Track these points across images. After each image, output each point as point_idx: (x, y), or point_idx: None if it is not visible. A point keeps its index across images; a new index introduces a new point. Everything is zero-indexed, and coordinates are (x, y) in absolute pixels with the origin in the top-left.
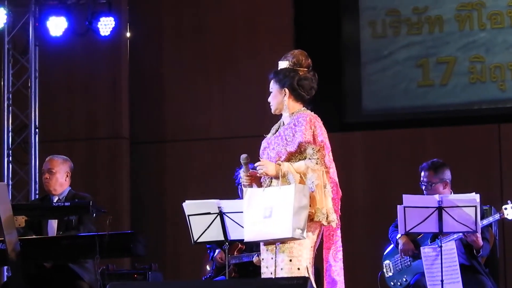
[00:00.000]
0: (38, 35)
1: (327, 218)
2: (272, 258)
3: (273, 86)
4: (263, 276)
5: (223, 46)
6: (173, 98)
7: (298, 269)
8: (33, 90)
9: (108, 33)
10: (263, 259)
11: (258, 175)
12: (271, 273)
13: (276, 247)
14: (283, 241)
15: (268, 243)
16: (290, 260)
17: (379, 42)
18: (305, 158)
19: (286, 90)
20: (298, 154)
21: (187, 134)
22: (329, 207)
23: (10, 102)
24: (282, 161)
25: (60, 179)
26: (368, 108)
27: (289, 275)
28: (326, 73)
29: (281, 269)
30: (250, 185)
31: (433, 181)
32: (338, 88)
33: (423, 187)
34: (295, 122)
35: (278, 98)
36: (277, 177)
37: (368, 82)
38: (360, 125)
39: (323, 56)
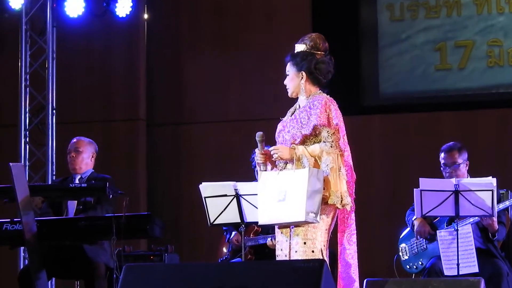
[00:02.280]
0: (56, 16)
1: (341, 201)
2: (286, 241)
3: (290, 69)
4: (278, 258)
5: (241, 28)
6: (190, 80)
7: (313, 251)
8: (50, 71)
9: (126, 14)
10: (277, 241)
11: (273, 159)
12: (286, 256)
13: (290, 230)
14: (297, 224)
15: (282, 226)
16: (305, 243)
17: (397, 25)
18: (319, 141)
19: (303, 73)
20: (313, 137)
21: (204, 116)
22: (343, 190)
23: (28, 83)
24: (297, 144)
25: (86, 159)
26: (385, 91)
27: (304, 258)
28: (343, 56)
29: (296, 251)
30: (264, 164)
31: (458, 161)
32: (356, 71)
33: (446, 169)
34: (310, 105)
35: (295, 81)
36: (291, 161)
37: (385, 66)
38: (377, 108)
39: (340, 40)
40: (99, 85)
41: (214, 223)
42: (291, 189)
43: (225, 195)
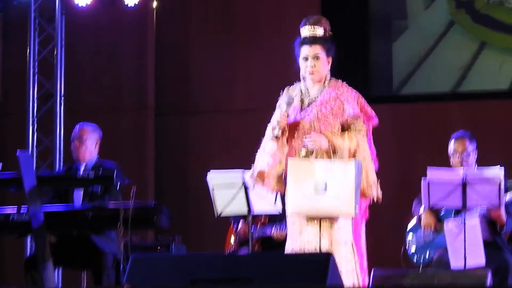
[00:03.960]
0: (65, 4)
1: (376, 192)
2: (316, 232)
3: (321, 52)
4: (306, 250)
5: (249, 17)
6: (198, 70)
7: (345, 242)
8: (59, 59)
9: (135, 3)
10: (301, 232)
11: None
12: (315, 248)
13: (319, 221)
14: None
15: (311, 217)
16: (335, 234)
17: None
18: (346, 130)
19: (330, 59)
20: (345, 126)
21: (212, 105)
22: (375, 180)
23: (36, 71)
24: (332, 133)
25: (90, 147)
26: (396, 81)
27: (333, 249)
28: (353, 45)
29: (324, 242)
30: (281, 130)
31: (468, 149)
32: (366, 60)
33: (456, 155)
34: (337, 91)
35: (325, 66)
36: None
37: (396, 55)
38: (388, 98)
39: (349, 28)
40: (108, 73)
41: (222, 214)
42: (334, 181)
43: (233, 185)
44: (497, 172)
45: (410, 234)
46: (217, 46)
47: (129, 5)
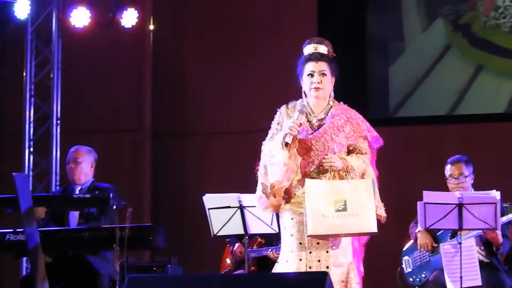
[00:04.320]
0: (62, 26)
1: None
2: (327, 252)
3: (327, 70)
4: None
5: (246, 40)
6: (195, 92)
7: (343, 264)
8: (55, 81)
9: (132, 25)
10: (310, 252)
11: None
12: (325, 268)
13: (330, 242)
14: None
15: (323, 238)
16: (341, 255)
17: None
18: (353, 151)
19: (334, 79)
20: (350, 147)
21: (209, 127)
22: (380, 200)
23: (33, 93)
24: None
25: (85, 169)
26: (392, 103)
27: (330, 269)
28: (350, 67)
29: (333, 263)
30: (292, 137)
31: (464, 173)
32: (363, 82)
33: (452, 181)
34: (346, 114)
35: (330, 84)
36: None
37: (393, 77)
38: (384, 120)
39: (347, 50)
40: (105, 95)
41: (218, 234)
42: (353, 199)
43: (229, 207)
44: (493, 194)
45: (406, 255)
46: (214, 68)
47: (126, 27)
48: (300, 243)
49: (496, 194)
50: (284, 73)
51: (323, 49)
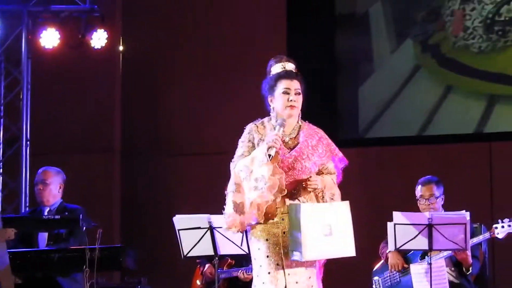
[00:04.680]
0: (31, 48)
1: None
2: (310, 278)
3: (299, 88)
4: None
5: (217, 60)
6: (166, 112)
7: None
8: (25, 103)
9: (101, 46)
10: (289, 274)
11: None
12: None
13: (305, 263)
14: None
15: (309, 262)
16: (313, 275)
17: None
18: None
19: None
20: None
21: (179, 148)
22: None
23: (2, 114)
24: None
25: (54, 191)
26: (362, 124)
27: None
28: (319, 88)
29: (307, 285)
30: (278, 149)
31: (436, 194)
32: (333, 103)
33: (423, 201)
34: (317, 134)
35: (301, 104)
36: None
37: (363, 98)
38: (354, 141)
39: (316, 71)
40: (74, 116)
41: (188, 255)
42: (336, 223)
43: (199, 228)
44: (462, 215)
45: (377, 275)
46: (184, 89)
47: (95, 48)
48: (277, 264)
49: (465, 215)
50: (254, 94)
51: (292, 66)
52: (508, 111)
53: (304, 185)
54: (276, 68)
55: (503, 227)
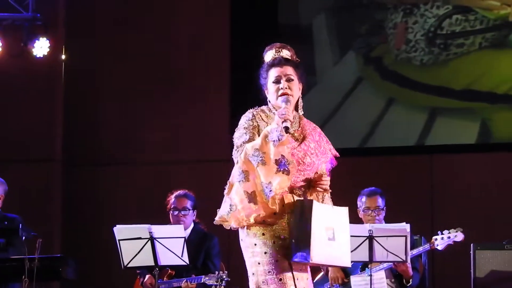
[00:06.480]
0: None
1: None
2: (307, 279)
3: (293, 74)
4: None
5: (160, 70)
6: (107, 122)
7: None
8: None
9: (43, 54)
10: (297, 279)
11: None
12: None
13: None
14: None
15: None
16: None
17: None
18: None
19: (301, 86)
20: None
21: (121, 158)
22: None
23: None
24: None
25: None
26: None
27: None
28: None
29: None
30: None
31: (381, 206)
32: None
33: (368, 212)
34: (317, 128)
35: (298, 92)
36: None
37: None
38: None
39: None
40: (16, 125)
41: (128, 265)
42: (337, 228)
43: (140, 238)
44: (403, 226)
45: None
46: (127, 98)
47: (37, 56)
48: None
49: (406, 227)
50: (198, 103)
51: (286, 53)
52: (449, 123)
53: (314, 183)
54: (268, 56)
55: (442, 238)
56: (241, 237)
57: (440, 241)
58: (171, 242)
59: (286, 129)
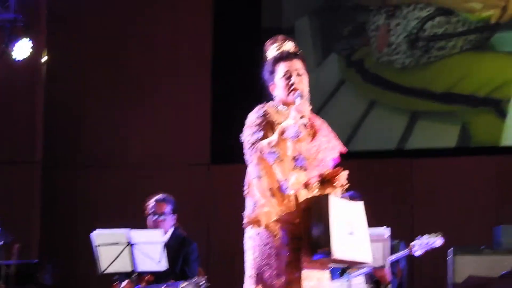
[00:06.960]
0: None
1: None
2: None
3: (302, 67)
4: None
5: (142, 72)
6: (88, 124)
7: None
8: None
9: (25, 56)
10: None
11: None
12: None
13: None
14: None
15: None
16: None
17: None
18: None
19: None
20: None
21: (102, 160)
22: None
23: None
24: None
25: None
26: None
27: None
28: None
29: None
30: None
31: None
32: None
33: None
34: (326, 125)
35: (307, 85)
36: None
37: None
38: None
39: (240, 85)
40: None
41: (105, 271)
42: (356, 222)
43: (117, 244)
44: (382, 232)
45: None
46: (108, 100)
47: (17, 59)
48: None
49: (385, 232)
50: (180, 105)
51: (290, 46)
52: (430, 127)
53: (330, 179)
54: (271, 51)
55: (421, 244)
56: (249, 236)
57: (419, 247)
58: (150, 248)
59: (304, 125)
